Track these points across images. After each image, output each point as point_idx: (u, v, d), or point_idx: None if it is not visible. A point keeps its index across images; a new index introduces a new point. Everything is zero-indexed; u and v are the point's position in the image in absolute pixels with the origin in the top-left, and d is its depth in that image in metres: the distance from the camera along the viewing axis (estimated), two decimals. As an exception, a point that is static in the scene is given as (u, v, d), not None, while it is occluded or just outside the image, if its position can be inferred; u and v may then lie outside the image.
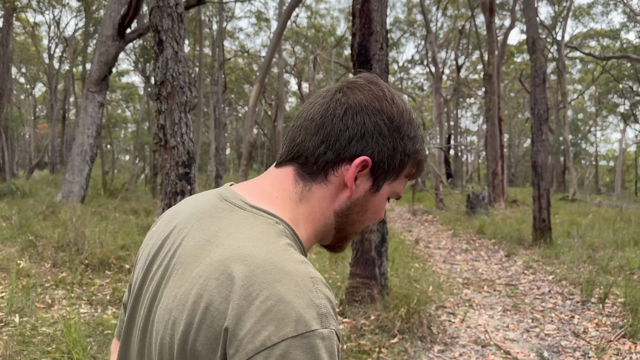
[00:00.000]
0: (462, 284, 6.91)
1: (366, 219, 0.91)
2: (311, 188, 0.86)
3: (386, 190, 0.89)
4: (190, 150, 3.12)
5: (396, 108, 0.86)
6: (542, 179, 9.67)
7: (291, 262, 0.73)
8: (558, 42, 26.15)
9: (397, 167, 0.87)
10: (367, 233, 4.84)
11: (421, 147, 0.90)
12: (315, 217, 0.87)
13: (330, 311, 0.71)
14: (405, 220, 14.83)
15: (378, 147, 0.84)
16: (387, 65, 4.90)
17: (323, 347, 0.68)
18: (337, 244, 0.95)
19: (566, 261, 8.18)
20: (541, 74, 9.65)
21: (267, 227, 0.79)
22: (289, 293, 0.69)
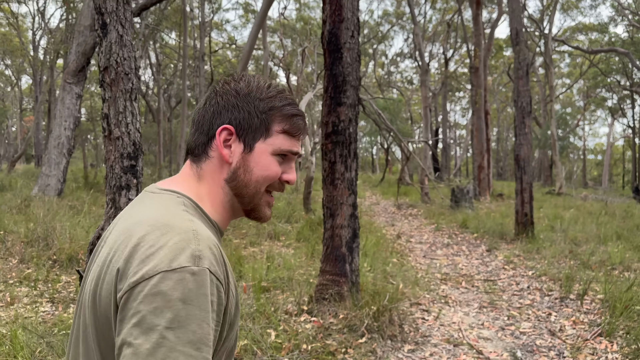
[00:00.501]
0: (440, 280, 6.77)
1: (256, 177, 1.03)
2: (201, 167, 1.04)
3: (263, 148, 1.03)
4: (137, 141, 2.93)
5: (243, 83, 1.05)
6: (524, 173, 9.56)
7: (179, 220, 0.90)
8: (545, 36, 26.06)
9: (260, 125, 1.02)
10: (337, 228, 4.67)
11: (280, 103, 1.04)
12: (216, 191, 1.04)
13: (206, 255, 0.85)
14: (389, 214, 14.69)
15: (234, 115, 1.02)
16: (358, 54, 4.72)
17: (192, 280, 0.81)
18: (250, 210, 1.07)
19: (547, 256, 8.07)
20: (525, 65, 9.51)
21: (169, 199, 0.98)
22: (170, 241, 0.85)
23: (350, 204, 4.70)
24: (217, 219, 1.04)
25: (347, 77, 4.60)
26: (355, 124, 4.74)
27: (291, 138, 1.05)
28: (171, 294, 0.79)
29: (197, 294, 0.81)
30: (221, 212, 1.05)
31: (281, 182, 1.07)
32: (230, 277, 0.93)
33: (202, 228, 0.92)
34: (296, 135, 1.06)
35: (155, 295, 0.79)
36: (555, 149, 24.47)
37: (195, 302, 0.81)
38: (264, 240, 8.98)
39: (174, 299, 0.79)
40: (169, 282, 0.80)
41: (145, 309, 0.79)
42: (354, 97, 4.66)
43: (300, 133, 1.07)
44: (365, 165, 61.08)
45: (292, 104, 1.07)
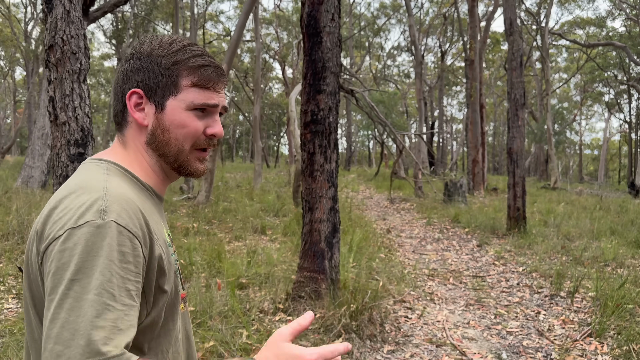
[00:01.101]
0: (427, 276, 6.56)
1: (175, 135, 1.02)
2: (124, 134, 1.05)
3: (175, 105, 1.01)
4: (86, 127, 2.69)
5: (147, 45, 1.03)
6: (517, 166, 9.34)
7: (94, 182, 0.92)
8: (542, 29, 25.81)
9: (167, 82, 1.01)
10: (316, 223, 4.45)
11: (185, 56, 1.02)
12: (141, 155, 1.04)
13: (113, 209, 0.86)
14: (382, 208, 14.48)
15: (139, 77, 1.02)
16: (339, 38, 4.47)
17: (96, 232, 0.83)
18: (178, 168, 1.06)
19: (539, 252, 7.87)
20: (518, 56, 9.27)
21: (93, 166, 1.00)
22: (80, 201, 0.87)
23: (329, 197, 4.47)
24: (151, 183, 1.05)
25: (327, 62, 4.36)
26: (335, 112, 4.50)
27: (204, 90, 1.02)
28: (74, 247, 0.81)
29: (100, 245, 0.82)
30: (152, 176, 1.06)
31: (208, 137, 1.05)
32: (154, 233, 0.93)
33: (118, 186, 0.93)
34: (209, 87, 1.03)
35: (63, 252, 0.82)
36: (551, 143, 24.27)
37: (100, 252, 0.82)
38: (250, 234, 8.75)
39: (78, 252, 0.81)
40: (74, 238, 0.82)
41: (54, 266, 0.82)
42: (334, 84, 4.42)
43: (214, 83, 1.04)
44: (362, 159, 60.88)
45: (198, 55, 1.03)
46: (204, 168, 1.09)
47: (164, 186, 1.10)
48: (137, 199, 0.95)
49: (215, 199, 12.52)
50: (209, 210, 10.52)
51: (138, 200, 0.95)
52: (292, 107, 11.40)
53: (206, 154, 1.08)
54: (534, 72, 35.28)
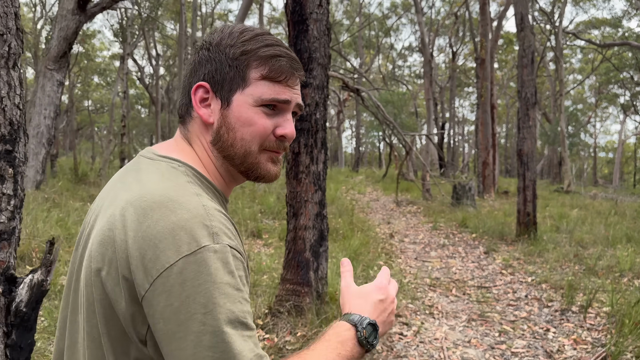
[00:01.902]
0: (428, 286, 6.12)
1: (241, 135, 0.92)
2: (188, 129, 0.98)
3: (242, 100, 0.92)
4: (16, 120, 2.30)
5: (217, 34, 0.96)
6: (528, 169, 8.86)
7: (186, 195, 0.83)
8: (556, 28, 25.19)
9: (235, 75, 0.92)
10: (301, 230, 4.03)
11: (255, 45, 0.92)
12: (207, 155, 0.96)
13: (222, 230, 0.80)
14: (387, 211, 14.03)
15: (206, 69, 0.94)
16: (327, 27, 4.05)
17: (216, 258, 0.77)
18: (246, 172, 0.96)
19: (550, 260, 7.39)
20: (529, 53, 8.79)
21: (169, 169, 0.90)
22: (181, 220, 0.78)
23: (316, 201, 4.05)
24: (220, 184, 0.97)
25: (314, 53, 3.95)
26: (323, 108, 4.09)
27: (275, 84, 0.92)
28: (198, 278, 0.75)
29: (224, 272, 0.77)
30: (219, 179, 0.98)
31: (277, 139, 0.95)
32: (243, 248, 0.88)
33: (210, 201, 0.85)
34: (281, 80, 0.93)
35: (184, 284, 0.75)
36: (564, 145, 23.64)
37: (224, 280, 0.76)
38: (245, 237, 8.36)
39: (203, 283, 0.75)
40: (192, 267, 0.76)
41: (176, 301, 0.75)
42: (322, 77, 4.00)
43: (286, 77, 0.93)
44: (372, 160, 60.33)
45: (270, 44, 0.94)
46: (277, 170, 0.98)
47: (229, 190, 1.01)
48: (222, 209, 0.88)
49: (214, 200, 12.15)
50: (206, 212, 10.15)
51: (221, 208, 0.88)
52: (294, 106, 11.00)
53: (279, 154, 0.98)
54: (547, 73, 34.60)
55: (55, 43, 11.83)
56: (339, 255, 6.59)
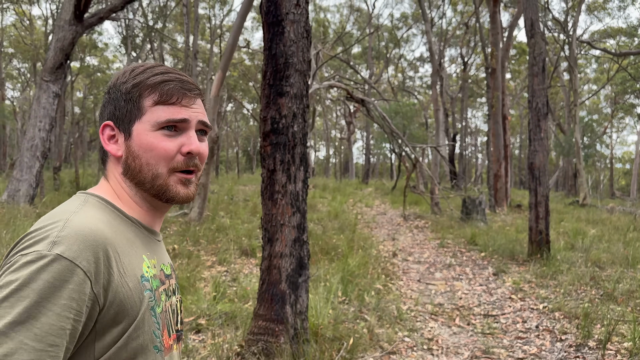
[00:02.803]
0: (430, 314, 5.59)
1: (145, 160, 0.97)
2: (106, 167, 1.04)
3: (141, 129, 0.97)
4: None
5: (114, 77, 1.03)
6: (539, 184, 8.30)
7: (63, 212, 0.89)
8: (570, 36, 24.58)
9: (131, 107, 0.98)
10: (276, 258, 3.55)
11: (145, 76, 0.99)
12: (121, 187, 1.01)
13: (67, 241, 0.82)
14: (394, 225, 13.49)
15: (108, 109, 1.01)
16: (306, 28, 3.60)
17: (36, 265, 0.79)
18: (157, 195, 0.99)
19: (564, 283, 6.82)
20: (540, 61, 8.27)
21: (73, 199, 0.96)
22: (41, 230, 0.85)
23: (294, 225, 3.57)
24: (137, 215, 1.01)
25: (290, 58, 3.49)
26: (302, 120, 3.62)
27: (169, 107, 0.97)
28: (13, 277, 0.79)
29: (33, 279, 0.78)
30: (135, 208, 1.01)
31: (185, 157, 0.98)
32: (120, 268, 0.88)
33: (86, 217, 0.88)
34: (173, 102, 0.97)
35: (2, 278, 0.80)
36: (579, 157, 22.93)
37: (31, 286, 0.78)
38: (237, 257, 7.89)
39: (14, 282, 0.78)
40: (20, 263, 0.80)
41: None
42: (300, 85, 3.54)
43: (178, 97, 0.98)
44: (384, 172, 59.67)
45: (159, 73, 1.00)
46: (188, 192, 1.00)
47: (153, 218, 1.03)
48: (112, 230, 0.91)
49: (212, 214, 11.72)
50: (201, 228, 9.70)
51: (112, 231, 0.90)
52: (294, 117, 10.56)
53: (191, 176, 1.00)
54: (561, 83, 33.92)
55: (51, 54, 11.55)
56: (333, 279, 6.10)
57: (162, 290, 0.99)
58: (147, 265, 0.96)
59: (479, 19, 20.23)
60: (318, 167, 63.21)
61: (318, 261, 7.45)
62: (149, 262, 0.97)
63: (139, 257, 0.94)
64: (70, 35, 11.42)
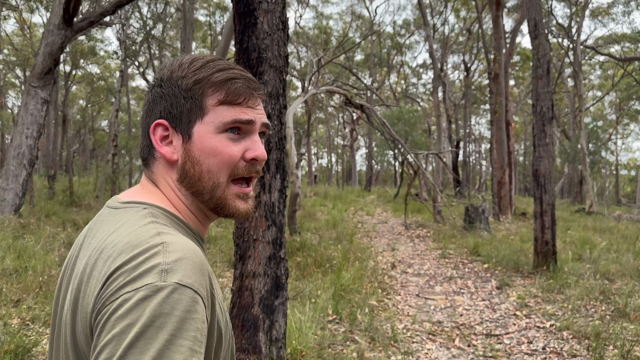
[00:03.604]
0: (427, 333, 5.16)
1: (207, 166, 0.87)
2: (152, 171, 0.92)
3: (203, 130, 0.87)
4: None
5: (167, 69, 0.92)
6: (545, 192, 7.88)
7: (146, 236, 0.77)
8: (574, 41, 24.20)
9: (192, 106, 0.87)
10: (248, 278, 3.14)
11: (208, 72, 0.88)
12: (175, 194, 0.90)
13: (177, 267, 0.72)
14: (395, 234, 13.06)
15: (161, 106, 0.89)
16: (283, 19, 3.21)
17: (158, 297, 0.69)
18: (216, 209, 0.90)
19: (572, 298, 6.38)
20: (545, 62, 7.87)
21: (133, 214, 0.84)
22: (135, 261, 0.73)
23: (268, 240, 3.17)
24: (194, 221, 0.92)
25: (264, 52, 3.10)
26: (279, 122, 3.23)
27: (234, 107, 0.88)
28: (132, 317, 0.68)
29: (160, 313, 0.68)
30: (192, 217, 0.92)
31: (248, 163, 0.89)
32: (215, 288, 0.80)
33: (177, 237, 0.78)
34: (240, 102, 0.88)
35: (117, 321, 0.69)
36: (585, 163, 22.46)
37: (160, 322, 0.68)
38: (227, 269, 7.48)
39: (135, 323, 0.68)
40: (129, 305, 0.69)
41: (105, 340, 0.68)
42: (275, 82, 3.15)
43: (245, 97, 0.88)
44: (388, 179, 59.23)
45: (223, 69, 0.89)
46: (247, 207, 0.91)
47: (205, 229, 0.95)
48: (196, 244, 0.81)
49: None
50: (191, 239, 9.31)
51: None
52: (290, 123, 10.18)
53: (249, 189, 0.91)
54: (566, 89, 33.53)
55: (40, 59, 11.22)
56: (324, 295, 5.69)
57: None
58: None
59: (481, 24, 19.87)
60: (321, 175, 62.87)
61: (310, 274, 7.04)
62: None
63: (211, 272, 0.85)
64: (59, 39, 11.10)
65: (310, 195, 24.42)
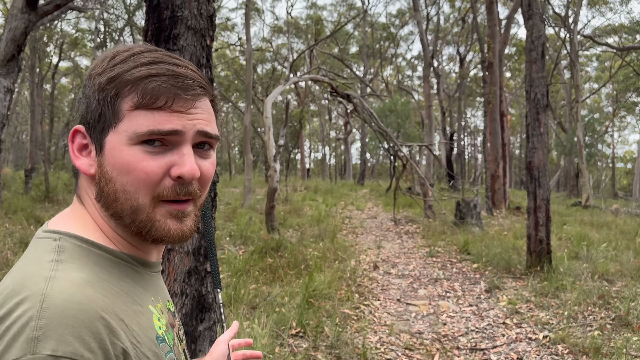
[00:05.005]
0: (405, 348, 4.54)
1: (121, 185, 0.71)
2: (78, 185, 0.79)
3: (115, 141, 0.71)
4: None
5: (92, 64, 0.78)
6: (539, 186, 7.26)
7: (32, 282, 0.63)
8: (571, 30, 23.55)
9: (104, 109, 0.72)
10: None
11: (126, 67, 0.72)
12: (98, 213, 0.75)
13: (50, 331, 0.58)
14: (382, 231, 12.44)
15: (80, 109, 0.77)
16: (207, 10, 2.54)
17: None
18: (142, 233, 0.73)
19: (568, 303, 5.77)
20: (539, 45, 7.23)
21: (41, 248, 0.71)
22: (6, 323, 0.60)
23: (187, 250, 2.52)
24: (125, 248, 0.75)
25: (179, 10, 2.45)
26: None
27: (154, 112, 0.70)
28: None
29: None
30: (120, 240, 0.75)
31: (175, 181, 0.71)
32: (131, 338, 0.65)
33: (68, 284, 0.63)
34: (161, 106, 0.70)
35: None
36: (582, 156, 21.87)
37: None
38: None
39: None
40: None
41: None
42: (195, 49, 2.50)
43: (167, 100, 0.70)
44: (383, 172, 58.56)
45: (146, 63, 0.71)
46: (182, 228, 0.73)
47: (147, 250, 0.77)
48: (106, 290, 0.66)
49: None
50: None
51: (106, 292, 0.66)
52: (267, 112, 9.52)
53: (186, 206, 0.73)
54: (562, 80, 32.94)
55: (2, 45, 10.50)
56: (293, 302, 5.06)
57: (176, 337, 0.80)
58: (157, 316, 0.76)
59: (475, 13, 19.21)
60: (316, 168, 62.28)
61: (282, 277, 6.41)
62: (157, 312, 0.76)
63: (147, 310, 0.73)
64: (23, 24, 10.37)
65: (300, 190, 23.80)
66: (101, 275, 0.69)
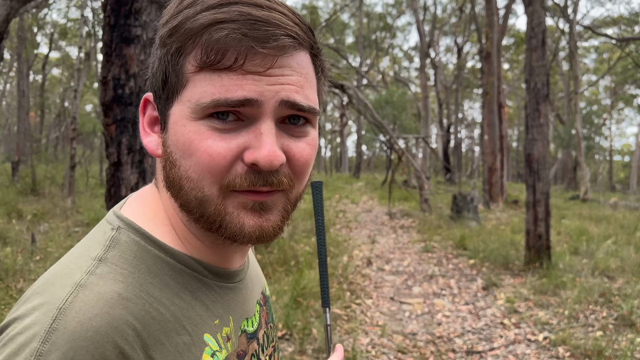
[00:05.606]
0: (396, 351, 4.28)
1: (185, 171, 0.57)
2: (156, 167, 0.66)
3: (178, 114, 0.57)
4: None
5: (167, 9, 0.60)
6: (538, 179, 6.99)
7: (59, 286, 0.53)
8: (570, 20, 23.25)
9: (165, 74, 0.57)
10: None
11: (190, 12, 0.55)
12: (171, 204, 0.63)
13: (54, 348, 0.49)
14: (377, 225, 12.18)
15: (150, 72, 0.61)
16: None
17: None
18: (211, 229, 0.59)
19: (568, 302, 5.52)
20: (539, 32, 6.94)
21: (92, 236, 0.61)
22: (20, 325, 0.52)
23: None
24: (196, 252, 0.62)
25: (138, -18, 2.16)
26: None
27: (220, 74, 0.54)
28: None
29: None
30: (194, 241, 0.62)
31: (249, 167, 0.56)
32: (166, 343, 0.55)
33: (95, 297, 0.52)
34: (228, 66, 0.53)
35: None
36: (580, 149, 21.63)
37: None
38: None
39: None
40: None
41: None
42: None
43: (237, 56, 0.53)
44: (379, 165, 58.28)
45: (215, 5, 0.54)
46: (260, 224, 0.58)
47: (222, 251, 0.64)
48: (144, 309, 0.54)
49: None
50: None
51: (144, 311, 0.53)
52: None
53: (265, 197, 0.57)
54: (561, 72, 32.68)
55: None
56: (278, 302, 4.79)
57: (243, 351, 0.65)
58: (212, 350, 0.59)
59: (473, 3, 18.87)
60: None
61: (271, 274, 6.15)
62: (214, 343, 0.60)
63: (197, 342, 0.58)
64: (4, 11, 9.98)
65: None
66: (149, 288, 0.56)
